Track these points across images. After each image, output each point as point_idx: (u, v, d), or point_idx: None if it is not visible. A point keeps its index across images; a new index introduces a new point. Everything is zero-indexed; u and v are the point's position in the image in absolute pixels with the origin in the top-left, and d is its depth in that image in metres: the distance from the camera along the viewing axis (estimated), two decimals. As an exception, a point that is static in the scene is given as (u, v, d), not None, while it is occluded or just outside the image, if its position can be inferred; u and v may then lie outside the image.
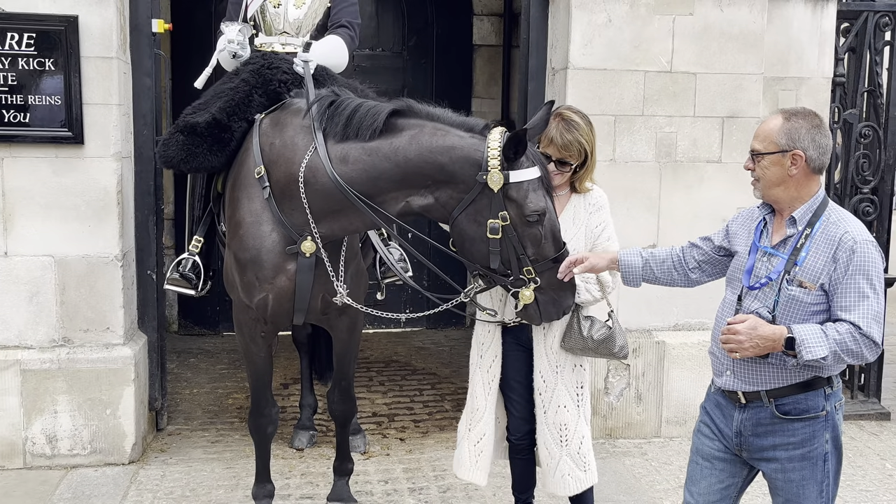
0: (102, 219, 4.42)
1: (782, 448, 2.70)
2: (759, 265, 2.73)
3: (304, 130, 3.40)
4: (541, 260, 3.09)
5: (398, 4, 7.41)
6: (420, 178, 3.16)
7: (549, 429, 3.37)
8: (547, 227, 3.07)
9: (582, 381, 3.41)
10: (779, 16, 5.13)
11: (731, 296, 2.80)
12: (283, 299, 3.54)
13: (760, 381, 2.69)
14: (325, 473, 4.46)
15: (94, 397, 4.47)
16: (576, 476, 3.39)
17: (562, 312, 3.20)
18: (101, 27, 4.31)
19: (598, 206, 3.39)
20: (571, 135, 3.24)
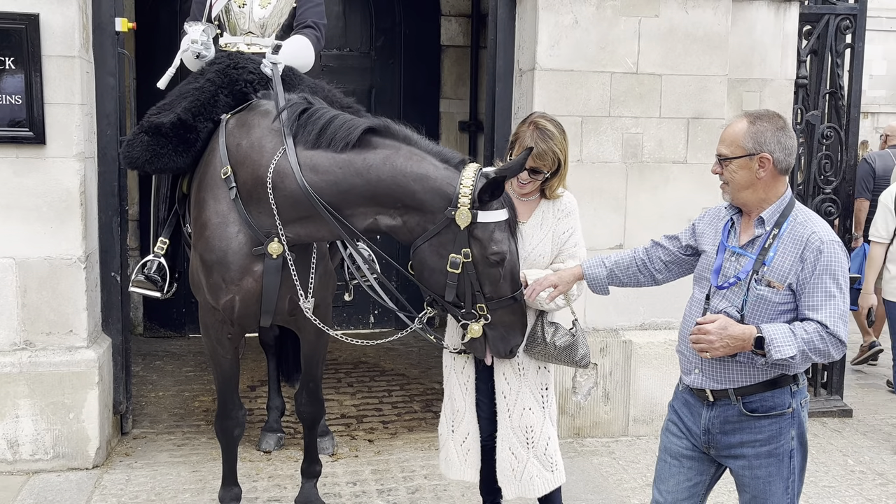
0: (65, 220, 4.36)
1: (749, 445, 2.73)
2: (727, 265, 2.75)
3: (272, 133, 3.38)
4: (496, 298, 3.13)
5: (366, 5, 7.39)
6: (390, 200, 3.16)
7: (514, 432, 3.36)
8: (507, 269, 3.10)
9: (546, 383, 3.41)
10: (742, 18, 5.20)
11: (699, 294, 2.82)
12: (250, 301, 3.51)
13: (728, 380, 2.72)
14: (292, 476, 4.44)
15: (57, 401, 4.40)
16: (543, 477, 3.38)
17: (509, 351, 3.22)
18: (63, 25, 4.25)
19: (566, 212, 3.39)
20: (546, 144, 3.24)
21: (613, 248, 5.00)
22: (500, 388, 3.36)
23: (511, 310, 3.17)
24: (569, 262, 3.32)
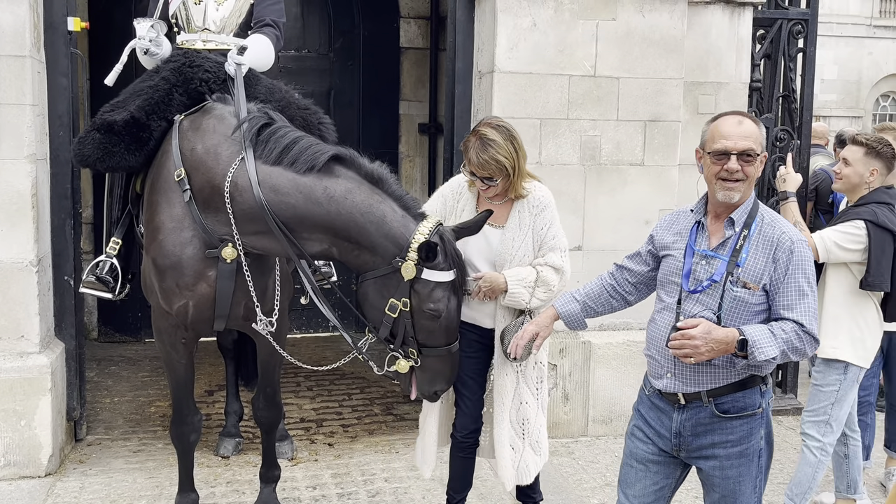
0: (16, 223, 4.26)
1: (721, 446, 2.74)
2: (697, 268, 2.72)
3: (228, 141, 3.35)
4: (430, 346, 3.19)
5: (324, 6, 7.35)
6: (345, 234, 3.20)
7: (512, 426, 3.47)
8: (442, 324, 3.16)
9: (542, 377, 3.53)
10: (698, 22, 5.27)
11: (668, 299, 2.79)
12: (204, 306, 3.47)
13: (701, 382, 2.71)
14: (251, 481, 4.39)
15: (8, 408, 4.30)
16: (535, 462, 3.54)
17: (434, 394, 3.29)
18: (14, 25, 4.16)
19: (542, 206, 3.41)
20: (487, 153, 3.26)
21: (572, 250, 5.00)
22: (498, 387, 3.46)
23: (442, 359, 3.24)
24: (549, 256, 3.38)
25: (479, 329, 3.51)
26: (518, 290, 3.33)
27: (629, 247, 5.03)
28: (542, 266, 3.37)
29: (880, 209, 3.80)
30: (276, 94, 3.74)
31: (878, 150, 3.85)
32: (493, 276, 3.35)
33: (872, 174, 3.85)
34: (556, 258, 3.39)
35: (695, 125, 5.25)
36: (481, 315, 3.50)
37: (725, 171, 2.65)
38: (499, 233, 3.39)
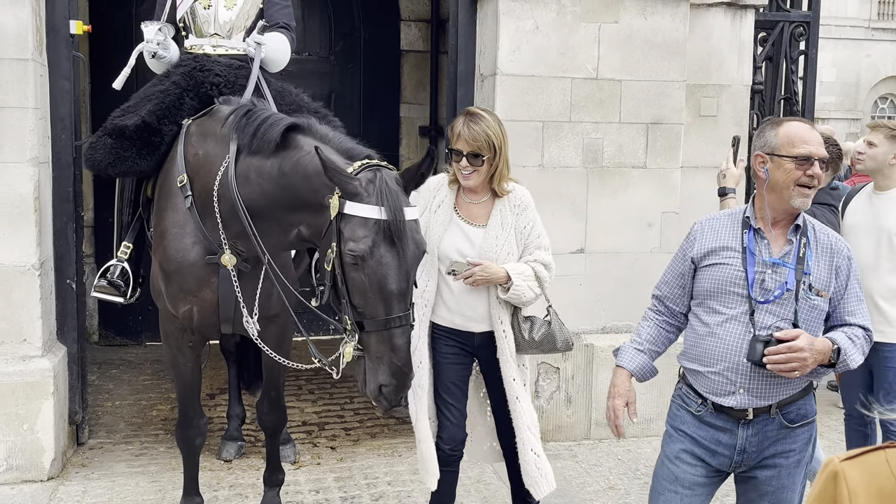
0: (18, 226, 4.25)
1: (783, 455, 2.66)
2: (766, 277, 2.61)
3: (222, 141, 3.32)
4: (368, 317, 2.78)
5: (324, 9, 7.35)
6: (302, 203, 3.00)
7: (530, 430, 3.40)
8: (372, 279, 2.75)
9: (525, 380, 3.48)
10: (700, 25, 5.27)
11: (730, 311, 2.63)
12: (209, 311, 3.47)
13: (774, 395, 2.62)
14: (254, 485, 4.38)
15: (10, 412, 4.29)
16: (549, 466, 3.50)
17: (379, 393, 2.80)
18: (16, 28, 4.16)
19: (523, 206, 3.39)
20: (478, 126, 3.24)
21: (574, 253, 5.03)
22: (512, 393, 3.37)
23: (380, 337, 2.77)
24: (537, 254, 3.35)
25: (460, 334, 3.39)
26: (521, 286, 3.25)
27: (632, 249, 5.10)
28: (534, 263, 3.33)
29: (821, 209, 3.71)
30: (287, 98, 3.73)
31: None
32: (493, 266, 3.23)
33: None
34: (545, 255, 3.38)
35: (697, 127, 5.27)
36: (463, 319, 3.36)
37: (808, 176, 2.56)
38: (481, 232, 3.33)
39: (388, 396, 2.79)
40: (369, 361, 2.80)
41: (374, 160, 2.93)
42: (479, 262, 3.23)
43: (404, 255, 2.78)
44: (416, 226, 2.89)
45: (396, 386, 2.77)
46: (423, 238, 2.91)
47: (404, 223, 2.78)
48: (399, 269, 2.77)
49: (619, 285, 5.12)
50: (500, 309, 3.35)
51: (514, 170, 4.75)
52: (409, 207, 2.86)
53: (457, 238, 3.33)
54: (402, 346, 2.77)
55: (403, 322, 2.79)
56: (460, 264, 3.22)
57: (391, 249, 2.76)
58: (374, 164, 2.89)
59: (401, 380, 2.77)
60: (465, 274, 3.21)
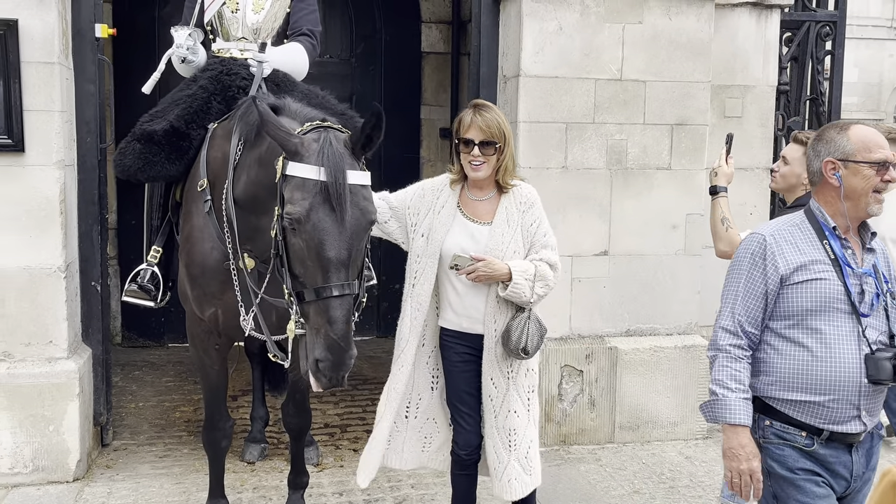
0: (45, 229, 4.27)
1: (872, 468, 2.58)
2: (864, 287, 2.51)
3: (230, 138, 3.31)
4: (307, 287, 2.65)
5: (345, 11, 7.35)
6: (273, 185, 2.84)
7: (498, 433, 3.32)
8: (310, 244, 2.62)
9: (533, 386, 3.39)
10: (725, 25, 5.23)
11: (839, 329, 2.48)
12: (232, 314, 3.45)
13: (879, 409, 2.55)
14: (277, 487, 4.38)
15: (37, 413, 4.31)
16: (522, 480, 3.35)
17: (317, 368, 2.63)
18: (43, 32, 4.18)
19: (529, 204, 3.32)
20: (489, 114, 3.22)
21: (598, 255, 5.00)
22: (486, 392, 3.32)
23: (318, 308, 2.62)
24: (543, 253, 3.28)
25: (469, 337, 3.33)
26: (521, 283, 3.18)
27: (656, 251, 5.07)
28: (539, 262, 3.26)
29: None
30: (313, 100, 3.73)
31: None
32: (497, 262, 3.17)
33: None
34: (551, 254, 3.31)
35: (722, 128, 5.22)
36: (470, 321, 3.31)
37: (885, 182, 2.48)
38: (486, 229, 3.28)
39: (324, 373, 2.62)
40: (309, 335, 2.66)
41: (326, 122, 2.82)
42: (482, 257, 3.17)
43: (345, 220, 2.63)
44: (365, 192, 2.74)
45: (333, 362, 2.60)
46: (371, 206, 2.76)
47: (345, 186, 2.63)
48: (339, 235, 2.63)
49: (644, 288, 5.09)
50: (496, 309, 3.26)
51: (537, 171, 4.81)
52: (355, 171, 2.72)
53: (461, 236, 3.28)
54: (339, 318, 2.61)
55: (342, 292, 2.63)
56: (463, 259, 3.16)
57: (331, 214, 2.62)
58: (325, 126, 2.78)
59: (337, 355, 2.60)
60: (468, 269, 3.15)
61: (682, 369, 5.11)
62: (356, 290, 2.71)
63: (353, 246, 2.67)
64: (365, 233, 2.76)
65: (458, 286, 3.29)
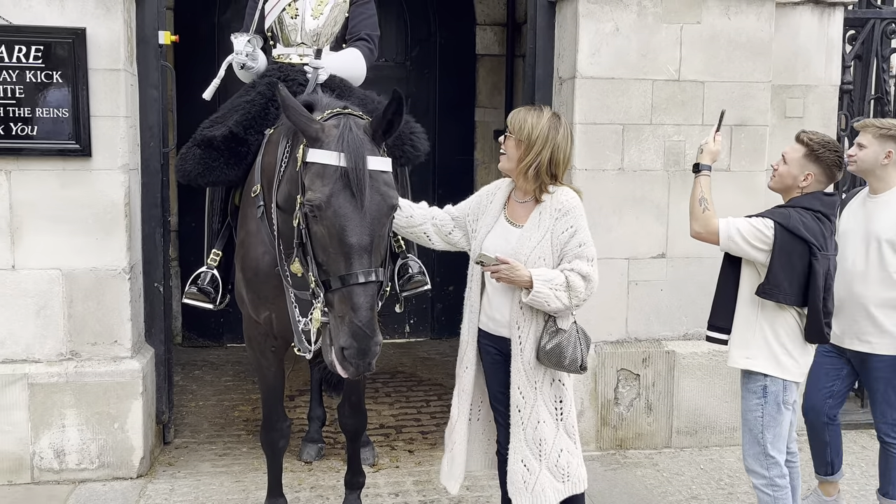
0: (110, 231, 4.39)
1: None
2: None
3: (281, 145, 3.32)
4: (331, 275, 2.66)
5: (401, 15, 7.41)
6: None
7: (527, 444, 3.24)
8: (331, 230, 2.63)
9: (561, 396, 3.27)
10: (786, 24, 5.13)
11: None
12: (286, 318, 3.45)
13: None
14: (334, 486, 4.43)
15: (102, 411, 4.44)
16: (554, 488, 3.28)
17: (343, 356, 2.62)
18: (109, 39, 4.29)
19: (563, 211, 3.17)
20: (525, 112, 3.17)
21: (655, 258, 4.96)
22: (514, 402, 3.24)
23: (342, 296, 2.62)
24: (575, 263, 3.14)
25: (495, 339, 3.29)
26: (543, 292, 3.07)
27: (715, 254, 4.94)
28: (570, 272, 3.14)
29: (802, 214, 3.38)
30: (369, 105, 3.77)
31: (818, 153, 3.40)
32: (521, 267, 3.10)
33: (807, 178, 3.43)
34: (584, 266, 3.15)
35: (782, 129, 5.13)
36: (495, 324, 3.27)
37: None
38: (518, 232, 3.22)
39: (350, 360, 2.61)
40: (333, 323, 2.67)
41: (347, 109, 2.82)
42: (507, 259, 3.11)
43: (366, 205, 2.63)
44: (385, 177, 2.74)
45: (358, 349, 2.59)
46: (391, 191, 2.75)
47: (365, 171, 2.63)
48: (360, 221, 2.62)
49: (702, 291, 4.99)
50: (521, 315, 3.19)
51: (592, 173, 4.78)
52: (375, 157, 2.72)
53: (497, 237, 3.25)
54: (362, 304, 2.61)
55: (366, 279, 2.63)
56: (488, 257, 3.12)
57: (351, 199, 2.62)
58: (345, 113, 2.80)
59: (362, 342, 2.59)
60: (492, 268, 3.12)
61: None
62: (380, 276, 2.71)
63: (375, 232, 2.68)
64: (386, 218, 2.77)
65: (490, 288, 3.27)
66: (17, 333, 4.39)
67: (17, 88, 4.21)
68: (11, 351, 4.39)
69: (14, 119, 4.22)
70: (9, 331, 4.38)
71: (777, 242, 3.35)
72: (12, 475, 4.39)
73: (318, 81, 3.90)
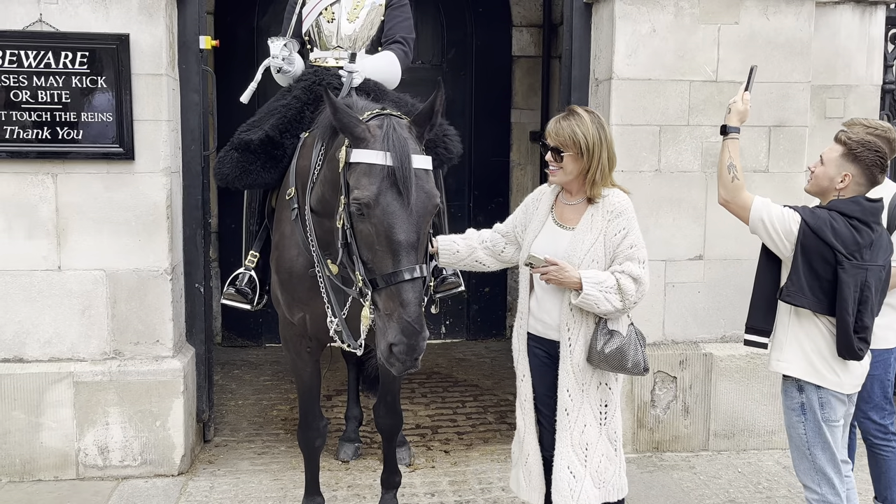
0: (152, 233, 4.48)
1: None
2: None
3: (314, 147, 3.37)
4: (378, 273, 2.70)
5: (437, 17, 7.44)
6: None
7: (573, 450, 3.23)
8: (379, 228, 2.67)
9: (606, 401, 3.26)
10: (826, 23, 5.07)
11: None
12: (321, 319, 3.50)
13: None
14: (371, 486, 4.47)
15: (145, 409, 4.53)
16: (594, 494, 3.26)
17: (390, 354, 2.66)
18: (152, 45, 4.38)
19: (616, 212, 3.17)
20: (567, 122, 3.12)
21: (693, 259, 4.93)
22: (562, 405, 3.23)
23: (390, 293, 2.66)
24: (626, 265, 3.13)
25: (543, 341, 3.29)
26: (593, 294, 3.06)
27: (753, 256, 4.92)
28: (621, 274, 3.12)
29: (834, 218, 3.18)
30: (403, 108, 3.80)
31: (857, 153, 3.18)
32: (569, 268, 3.09)
33: (844, 180, 3.21)
34: (636, 268, 3.13)
35: (822, 130, 5.07)
36: (543, 326, 3.27)
37: None
38: (569, 234, 3.20)
39: (398, 356, 2.64)
40: (380, 321, 2.70)
41: (386, 111, 2.87)
42: (556, 261, 3.10)
43: (412, 203, 2.67)
44: (428, 175, 2.78)
45: (408, 345, 2.61)
46: (434, 189, 2.80)
47: (410, 170, 2.68)
48: (408, 219, 2.67)
49: (740, 293, 4.97)
50: (571, 317, 3.18)
51: (629, 174, 4.77)
52: (419, 155, 2.77)
53: (547, 239, 3.24)
54: (411, 300, 2.64)
55: (413, 275, 2.66)
56: (538, 259, 3.12)
57: (398, 197, 2.66)
58: (386, 113, 2.85)
59: (411, 338, 2.61)
60: (541, 269, 3.12)
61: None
62: (425, 273, 2.75)
63: (421, 229, 2.73)
64: (430, 216, 2.81)
65: (538, 291, 3.26)
66: (63, 333, 4.49)
67: (63, 94, 4.31)
68: (57, 350, 4.50)
69: (60, 123, 4.33)
70: (55, 330, 4.49)
71: (800, 241, 3.17)
72: (58, 471, 4.50)
73: (353, 85, 3.94)
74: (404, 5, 4.37)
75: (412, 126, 2.85)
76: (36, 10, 4.28)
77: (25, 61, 4.26)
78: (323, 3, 4.24)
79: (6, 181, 4.37)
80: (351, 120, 2.77)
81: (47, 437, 4.48)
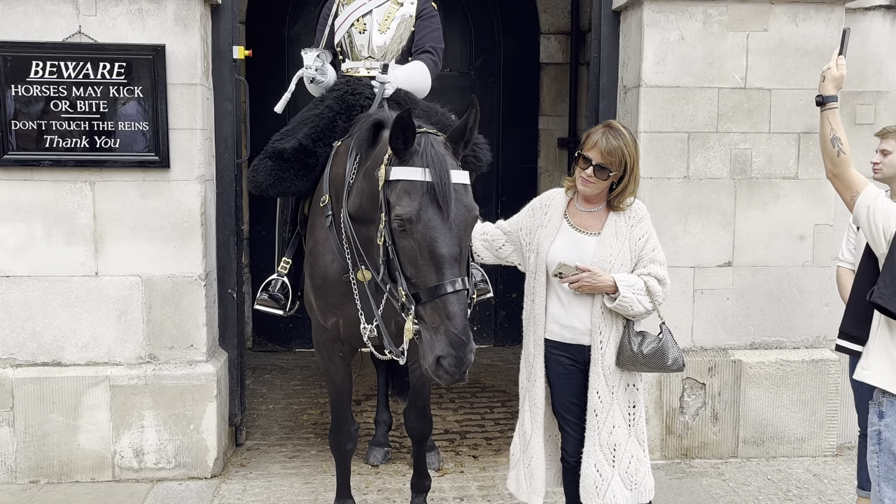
0: (186, 240, 4.57)
1: None
2: None
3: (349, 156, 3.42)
4: (422, 287, 2.74)
5: (465, 25, 7.49)
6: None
7: (601, 449, 3.29)
8: (422, 243, 2.72)
9: (634, 401, 3.34)
10: (856, 30, 5.04)
11: None
12: (353, 324, 3.54)
13: None
14: (401, 490, 4.51)
15: (179, 412, 4.61)
16: (623, 495, 3.32)
17: (438, 366, 2.69)
18: (187, 55, 4.47)
19: (638, 218, 3.31)
20: (617, 141, 3.19)
21: (721, 266, 4.93)
22: (592, 406, 3.29)
23: (435, 306, 2.70)
24: (651, 268, 3.26)
25: (570, 348, 3.32)
26: (629, 297, 3.16)
27: (782, 263, 4.96)
28: (647, 276, 3.24)
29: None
30: (433, 117, 3.85)
31: None
32: (602, 273, 3.17)
33: None
34: (659, 269, 3.27)
35: (852, 136, 5.00)
36: (572, 332, 3.30)
37: None
38: (594, 240, 3.28)
39: (447, 369, 2.66)
40: (426, 334, 2.73)
41: (422, 128, 2.92)
42: (587, 268, 3.17)
43: (452, 217, 2.73)
44: (466, 189, 2.84)
45: (456, 357, 2.64)
46: (473, 203, 2.86)
47: (450, 185, 2.73)
48: (449, 233, 2.72)
49: (769, 300, 4.98)
50: (602, 321, 3.25)
51: (657, 181, 4.79)
52: (457, 170, 2.83)
53: (568, 245, 3.29)
54: (457, 313, 2.68)
55: (456, 288, 2.70)
56: (568, 267, 3.16)
57: (439, 212, 2.72)
58: (423, 131, 2.90)
59: (459, 350, 2.65)
60: (573, 278, 3.16)
61: (809, 384, 4.96)
62: (467, 285, 2.80)
63: (462, 242, 2.79)
64: (471, 228, 2.89)
65: (563, 297, 3.30)
66: (100, 337, 4.59)
67: (101, 104, 4.42)
68: (94, 354, 4.60)
69: (98, 132, 4.43)
70: (92, 335, 4.58)
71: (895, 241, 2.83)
72: (95, 473, 4.59)
73: (385, 95, 4.01)
74: (434, 16, 4.43)
75: (448, 142, 2.92)
76: (75, 22, 4.39)
77: (65, 72, 4.36)
78: (355, 14, 4.32)
79: (46, 189, 4.48)
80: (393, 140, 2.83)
81: (84, 440, 4.57)
